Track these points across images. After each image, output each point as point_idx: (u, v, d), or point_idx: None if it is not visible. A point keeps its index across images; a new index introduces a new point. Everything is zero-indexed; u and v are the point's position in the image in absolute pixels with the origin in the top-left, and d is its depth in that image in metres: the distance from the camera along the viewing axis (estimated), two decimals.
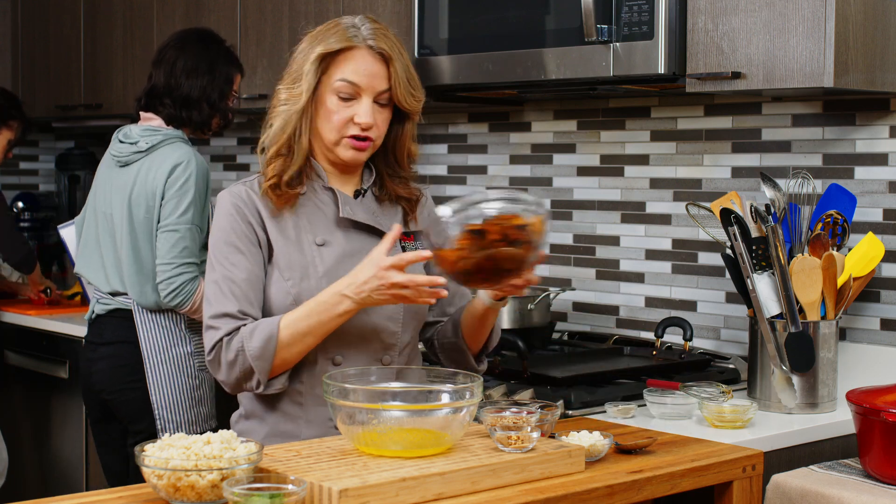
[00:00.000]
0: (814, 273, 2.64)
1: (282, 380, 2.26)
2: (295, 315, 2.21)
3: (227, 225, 2.29)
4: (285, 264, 2.27)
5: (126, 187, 3.29)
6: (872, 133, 2.88)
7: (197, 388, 3.31)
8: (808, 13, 2.54)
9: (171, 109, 3.34)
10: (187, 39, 3.42)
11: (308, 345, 2.23)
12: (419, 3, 3.21)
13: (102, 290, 3.35)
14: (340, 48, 2.26)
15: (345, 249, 2.30)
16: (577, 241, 3.51)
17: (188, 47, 3.39)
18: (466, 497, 1.86)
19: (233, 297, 2.24)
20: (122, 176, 3.32)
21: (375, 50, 2.27)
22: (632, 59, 2.76)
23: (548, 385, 2.77)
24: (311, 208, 2.32)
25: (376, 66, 2.28)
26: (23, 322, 4.23)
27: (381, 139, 2.33)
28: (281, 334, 2.20)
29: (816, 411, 2.65)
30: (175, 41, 3.42)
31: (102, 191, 3.39)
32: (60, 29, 4.80)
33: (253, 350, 2.21)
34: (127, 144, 3.33)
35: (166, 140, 3.30)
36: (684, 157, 3.24)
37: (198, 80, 3.35)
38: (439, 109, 3.77)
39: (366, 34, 2.28)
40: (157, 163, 3.25)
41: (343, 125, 2.27)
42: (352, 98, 2.27)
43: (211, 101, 3.37)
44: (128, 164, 3.31)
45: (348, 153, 2.29)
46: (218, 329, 2.24)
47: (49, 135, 5.40)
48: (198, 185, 3.25)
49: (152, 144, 3.29)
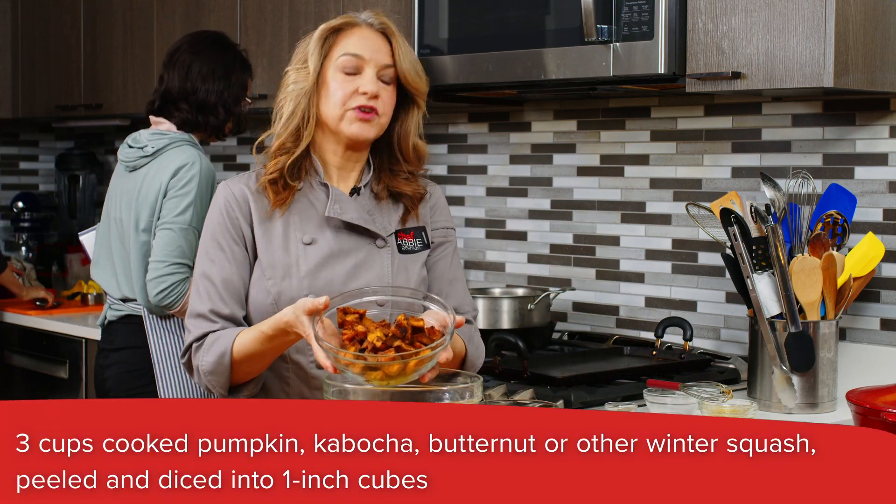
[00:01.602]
0: (814, 273, 2.64)
1: (249, 388, 2.27)
2: (248, 336, 2.19)
3: (215, 220, 2.29)
4: (268, 263, 2.26)
5: (133, 191, 3.28)
6: (872, 133, 2.88)
7: (207, 394, 3.31)
8: (808, 13, 2.54)
9: (187, 114, 3.31)
10: (201, 43, 3.38)
11: (265, 363, 2.23)
12: (419, 3, 3.21)
13: (114, 296, 3.34)
14: (342, 24, 2.29)
15: (332, 249, 2.27)
16: (577, 241, 3.51)
17: (203, 51, 3.35)
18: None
19: (207, 296, 2.25)
20: (131, 181, 3.31)
21: (376, 27, 2.29)
22: (632, 59, 2.76)
23: (548, 385, 2.77)
24: (304, 204, 2.29)
25: (378, 42, 2.28)
26: (23, 322, 4.23)
27: (386, 118, 2.28)
28: (234, 353, 2.20)
29: (816, 411, 2.65)
30: (188, 44, 3.38)
31: (113, 196, 3.39)
32: (60, 29, 4.80)
33: (206, 365, 2.22)
34: (135, 149, 3.31)
35: (172, 143, 3.28)
36: (684, 157, 3.24)
37: (214, 85, 3.31)
38: (439, 109, 3.77)
39: (365, 17, 2.31)
40: (162, 165, 3.24)
41: (348, 97, 2.24)
42: (355, 73, 2.25)
43: (227, 106, 3.34)
44: (136, 169, 3.30)
45: (353, 127, 2.25)
46: (190, 332, 2.26)
47: (49, 135, 5.39)
48: (200, 187, 3.21)
49: (158, 148, 3.27)
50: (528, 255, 3.63)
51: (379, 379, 1.99)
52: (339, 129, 2.26)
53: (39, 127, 5.27)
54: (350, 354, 1.99)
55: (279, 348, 2.19)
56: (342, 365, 2.00)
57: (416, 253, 2.34)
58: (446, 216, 2.42)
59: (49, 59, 4.86)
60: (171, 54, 3.38)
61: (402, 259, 2.32)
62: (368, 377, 2.00)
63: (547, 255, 3.58)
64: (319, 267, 2.26)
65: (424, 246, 2.36)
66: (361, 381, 2.01)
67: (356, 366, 1.99)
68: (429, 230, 2.38)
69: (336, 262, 2.26)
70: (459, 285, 2.39)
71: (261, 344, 2.18)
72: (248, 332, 2.20)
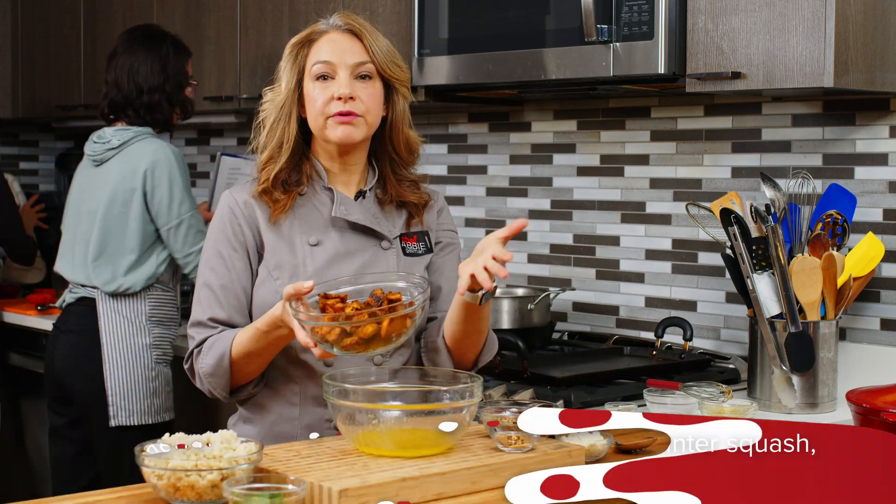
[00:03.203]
0: (814, 273, 2.64)
1: (248, 388, 2.28)
2: (245, 335, 2.21)
3: (218, 229, 2.31)
4: (275, 264, 2.27)
5: (106, 184, 3.43)
6: (872, 133, 2.88)
7: (152, 380, 3.40)
8: (808, 13, 2.54)
9: (135, 118, 3.49)
10: (134, 42, 3.53)
11: (263, 361, 2.24)
12: (419, 3, 3.21)
13: (72, 279, 3.49)
14: (310, 35, 2.30)
15: (338, 250, 2.29)
16: (577, 241, 3.51)
17: (136, 50, 3.51)
18: (466, 497, 1.86)
19: (207, 304, 2.28)
20: (100, 174, 3.46)
21: (343, 29, 2.30)
22: (632, 59, 2.76)
23: (548, 385, 2.78)
24: (308, 208, 2.31)
25: (347, 42, 2.28)
26: (23, 322, 4.23)
27: (372, 115, 2.28)
28: (233, 353, 2.22)
29: (816, 411, 2.65)
30: (122, 46, 3.54)
31: (80, 190, 3.54)
32: (60, 29, 4.80)
33: (206, 367, 2.24)
34: (100, 144, 3.48)
35: (137, 136, 3.45)
36: (684, 157, 3.24)
37: (154, 81, 3.48)
38: (439, 109, 3.77)
39: (333, 21, 2.31)
40: (134, 158, 3.40)
41: (325, 105, 2.25)
42: (330, 78, 2.26)
43: (170, 99, 3.51)
44: (103, 162, 3.46)
45: (336, 132, 2.25)
46: (192, 339, 2.29)
47: (49, 135, 5.40)
48: (181, 174, 3.42)
49: (124, 140, 3.44)
50: (528, 255, 3.63)
51: (356, 344, 2.00)
52: (326, 137, 2.28)
53: (39, 127, 5.27)
54: (326, 318, 2.01)
55: (275, 344, 2.20)
56: (319, 336, 2.02)
57: (419, 256, 2.36)
58: (451, 220, 2.45)
59: (49, 59, 4.86)
60: (109, 59, 3.56)
61: (406, 261, 2.33)
62: (345, 344, 2.01)
63: (547, 255, 3.58)
64: (326, 267, 2.27)
65: (428, 250, 2.38)
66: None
67: (333, 333, 2.00)
68: (433, 234, 2.40)
69: (343, 262, 2.27)
70: None
71: (257, 341, 2.19)
72: (245, 331, 2.22)
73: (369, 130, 2.29)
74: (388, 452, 1.92)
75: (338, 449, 1.97)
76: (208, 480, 1.75)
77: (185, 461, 1.76)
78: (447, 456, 1.93)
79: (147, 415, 3.38)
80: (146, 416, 3.37)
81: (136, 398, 3.36)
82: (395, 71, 2.31)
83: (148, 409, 3.39)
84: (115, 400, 3.35)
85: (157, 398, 3.40)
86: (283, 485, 1.73)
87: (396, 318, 2.02)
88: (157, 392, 3.40)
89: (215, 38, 4.05)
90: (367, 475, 1.82)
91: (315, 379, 2.26)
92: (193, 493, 1.75)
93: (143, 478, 1.80)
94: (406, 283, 2.16)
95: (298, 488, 1.72)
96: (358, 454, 1.94)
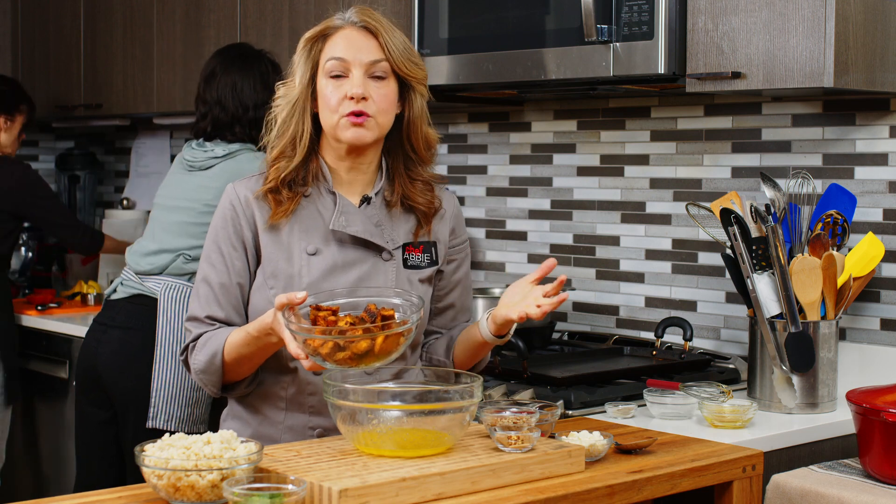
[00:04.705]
0: (814, 273, 2.64)
1: (241, 387, 2.28)
2: (236, 337, 2.20)
3: (219, 225, 2.29)
4: (271, 272, 2.26)
5: (208, 189, 3.34)
6: (872, 133, 2.88)
7: (198, 389, 3.32)
8: (808, 13, 2.54)
9: (241, 135, 3.39)
10: (231, 62, 3.44)
11: (254, 364, 2.24)
12: (419, 3, 3.21)
13: (136, 268, 3.39)
14: (325, 30, 2.26)
15: (336, 260, 2.25)
16: (577, 241, 3.51)
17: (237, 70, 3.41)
18: (466, 497, 1.86)
19: (205, 300, 2.27)
20: (197, 178, 3.38)
21: (359, 25, 2.25)
22: (632, 59, 2.76)
23: (548, 385, 2.78)
24: (311, 212, 2.27)
25: (362, 40, 2.24)
26: (23, 322, 4.23)
27: (384, 116, 2.24)
28: (225, 353, 2.22)
29: (816, 411, 2.65)
30: (221, 67, 3.44)
31: (170, 191, 3.45)
32: (60, 29, 4.80)
33: (198, 364, 2.25)
34: (201, 151, 3.39)
35: (243, 149, 3.37)
36: (684, 157, 3.24)
37: (259, 99, 3.36)
38: (439, 109, 3.76)
39: (349, 16, 2.27)
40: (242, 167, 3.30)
41: (338, 104, 2.21)
42: (343, 76, 2.22)
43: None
44: (203, 168, 3.37)
45: (348, 133, 2.21)
46: (189, 332, 2.29)
47: (49, 135, 5.39)
48: None
49: (230, 151, 3.35)
50: (528, 255, 3.63)
51: (348, 359, 1.99)
52: (337, 136, 2.24)
53: (39, 127, 5.27)
54: (317, 330, 1.99)
55: (265, 350, 2.19)
56: (312, 349, 2.01)
57: (421, 269, 2.32)
58: (464, 228, 2.43)
59: (49, 59, 4.86)
60: (207, 80, 3.45)
61: (406, 273, 2.30)
62: (337, 358, 2.00)
63: (547, 255, 3.58)
64: (322, 279, 2.24)
65: (432, 262, 2.34)
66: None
67: (326, 346, 1.99)
68: (442, 247, 2.36)
69: (340, 273, 2.25)
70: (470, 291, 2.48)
71: (247, 345, 2.18)
72: (237, 333, 2.21)
73: (381, 132, 2.25)
74: (388, 452, 1.93)
75: (338, 449, 1.97)
76: (208, 480, 1.75)
77: (185, 461, 1.76)
78: (447, 456, 1.93)
79: (185, 423, 3.31)
80: (184, 424, 3.31)
81: (178, 404, 3.30)
82: (411, 69, 2.26)
83: (187, 418, 3.32)
84: (157, 402, 3.29)
85: (198, 408, 3.34)
86: (283, 485, 1.73)
87: (391, 335, 2.01)
88: (198, 402, 3.34)
89: (215, 38, 4.05)
90: (367, 475, 1.82)
91: (303, 386, 2.26)
92: (193, 493, 1.75)
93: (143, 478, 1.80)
94: (401, 299, 2.14)
95: (298, 488, 1.72)
96: (358, 454, 1.94)
